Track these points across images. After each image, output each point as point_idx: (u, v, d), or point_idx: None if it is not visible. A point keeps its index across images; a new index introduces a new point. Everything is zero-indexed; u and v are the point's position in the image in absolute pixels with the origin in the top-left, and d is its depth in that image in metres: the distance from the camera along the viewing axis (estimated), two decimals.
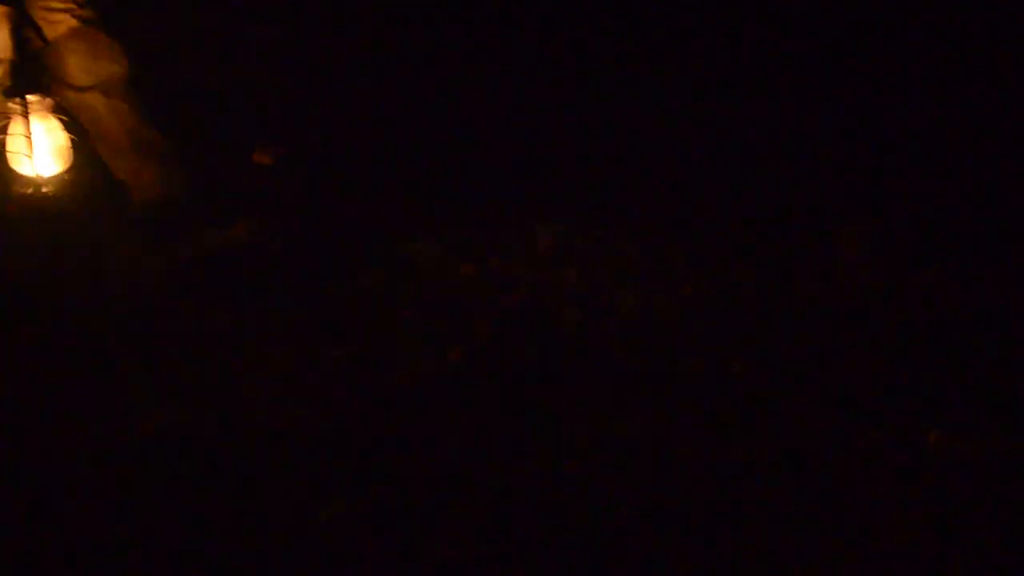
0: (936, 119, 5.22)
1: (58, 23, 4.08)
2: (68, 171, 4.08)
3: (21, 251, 4.17)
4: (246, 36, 5.03)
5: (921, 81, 5.35)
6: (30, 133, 3.94)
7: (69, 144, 4.05)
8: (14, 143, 3.97)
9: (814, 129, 5.28)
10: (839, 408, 3.42)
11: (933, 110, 5.25)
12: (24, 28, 4.05)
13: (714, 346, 3.86)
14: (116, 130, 4.22)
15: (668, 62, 5.54)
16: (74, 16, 4.12)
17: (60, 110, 4.04)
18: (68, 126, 4.04)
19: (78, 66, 4.13)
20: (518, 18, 5.49)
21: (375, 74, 5.22)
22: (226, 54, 4.96)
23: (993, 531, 2.83)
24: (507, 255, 4.51)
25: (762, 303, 4.14)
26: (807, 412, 3.41)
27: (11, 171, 4.04)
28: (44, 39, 4.09)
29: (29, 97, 3.91)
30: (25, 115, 3.92)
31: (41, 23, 4.08)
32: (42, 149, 3.99)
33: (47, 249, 4.18)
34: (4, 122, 3.96)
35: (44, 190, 4.04)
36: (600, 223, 4.76)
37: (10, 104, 3.90)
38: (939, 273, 4.22)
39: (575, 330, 3.98)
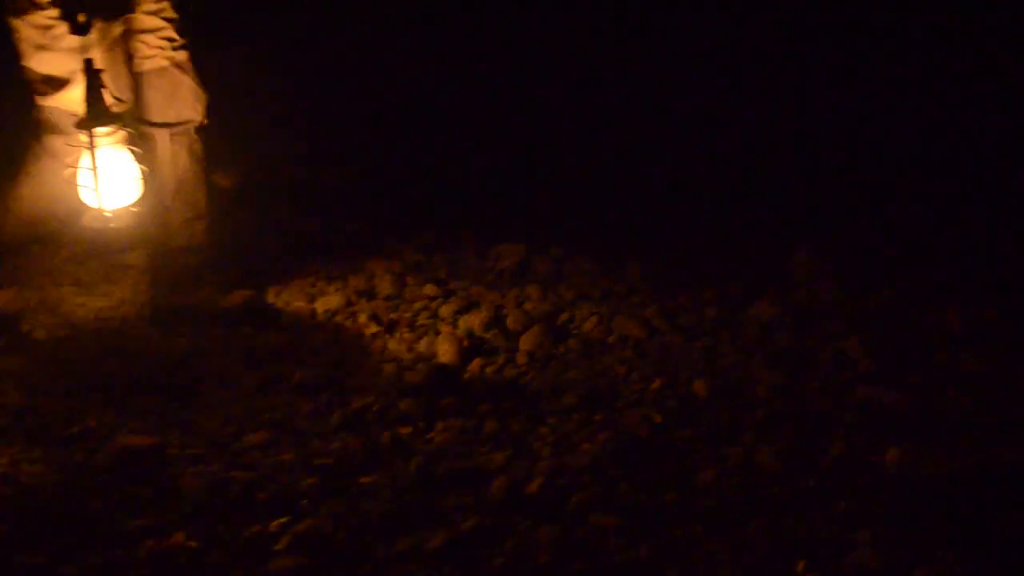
0: (893, 136, 5.27)
1: (146, 59, 4.07)
2: (136, 205, 3.99)
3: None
4: None
5: (875, 99, 5.40)
6: (97, 166, 3.85)
7: (140, 178, 3.98)
8: (83, 175, 3.90)
9: (772, 148, 5.32)
10: (797, 426, 3.43)
11: (889, 128, 5.30)
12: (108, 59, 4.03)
13: (675, 366, 3.87)
14: (170, 174, 4.20)
15: (625, 80, 5.59)
16: (164, 57, 4.10)
17: (133, 143, 3.97)
18: (140, 159, 3.97)
19: (155, 104, 4.12)
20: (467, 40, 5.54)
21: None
22: None
23: (955, 549, 2.83)
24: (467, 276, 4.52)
25: (722, 322, 4.15)
26: (766, 432, 3.41)
27: (80, 203, 3.97)
28: (130, 72, 4.09)
29: (100, 129, 3.82)
30: (92, 147, 3.83)
31: (132, 55, 4.08)
32: (111, 182, 3.90)
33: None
34: (76, 153, 3.91)
35: (111, 223, 3.96)
36: (560, 243, 4.75)
37: (82, 135, 3.83)
38: (899, 291, 4.24)
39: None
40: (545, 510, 3.07)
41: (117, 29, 4.03)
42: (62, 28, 3.94)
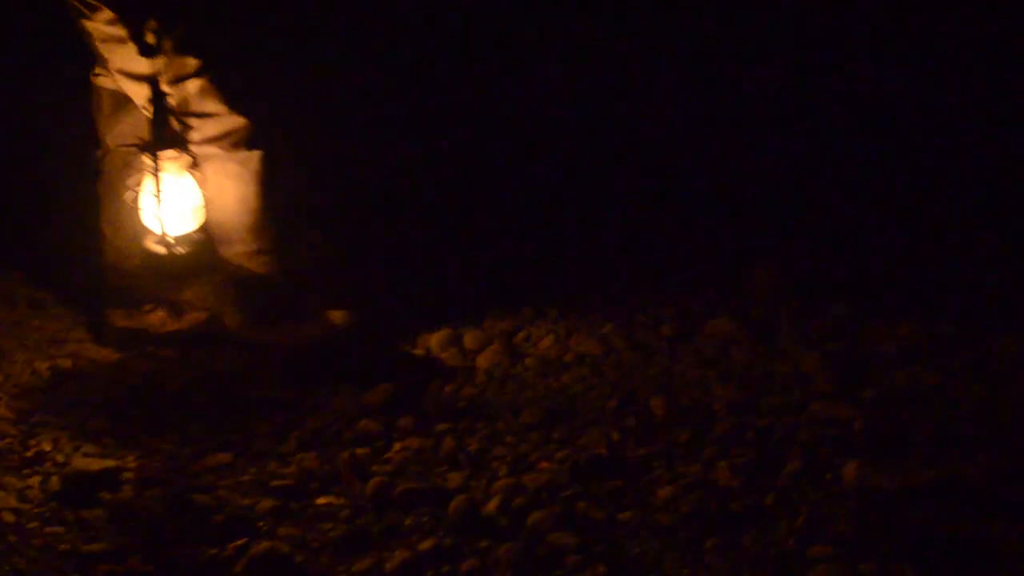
0: (851, 153, 5.31)
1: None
2: (198, 231, 3.93)
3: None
4: None
5: (835, 117, 5.45)
6: (161, 190, 3.80)
7: (202, 204, 3.91)
8: (145, 199, 3.84)
9: (727, 163, 5.34)
10: (755, 443, 3.44)
11: (847, 145, 5.34)
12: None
13: (633, 384, 3.88)
14: (231, 195, 4.07)
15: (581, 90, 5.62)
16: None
17: (196, 167, 3.91)
18: (203, 185, 3.91)
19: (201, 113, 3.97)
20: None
21: None
22: None
23: (914, 563, 2.84)
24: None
25: (680, 339, 4.16)
26: (724, 448, 3.42)
27: (141, 226, 3.90)
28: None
29: (164, 153, 3.79)
30: (156, 171, 3.78)
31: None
32: (173, 207, 3.84)
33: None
34: (138, 177, 3.85)
35: (172, 248, 3.90)
36: None
37: (144, 159, 3.78)
38: (856, 307, 4.27)
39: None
40: (504, 529, 3.06)
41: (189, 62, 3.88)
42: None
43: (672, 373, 3.93)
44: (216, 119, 3.94)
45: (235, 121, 3.96)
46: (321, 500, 3.24)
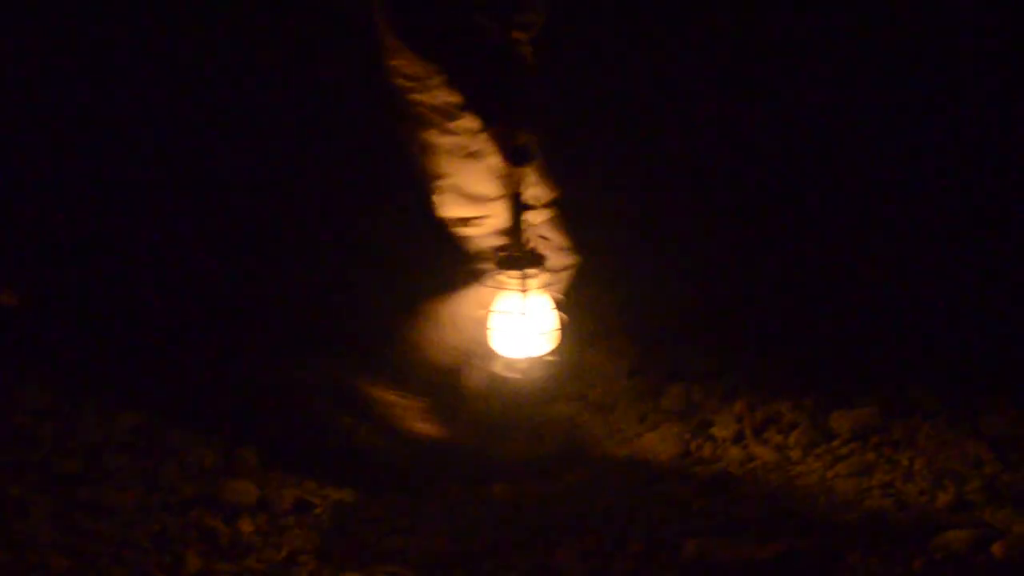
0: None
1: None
2: (551, 354, 3.64)
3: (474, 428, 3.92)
4: None
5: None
6: (525, 311, 3.55)
7: (559, 326, 3.64)
8: (500, 319, 3.58)
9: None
10: (592, 528, 3.44)
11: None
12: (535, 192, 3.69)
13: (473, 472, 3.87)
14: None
15: None
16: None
17: (554, 288, 3.67)
18: (561, 306, 3.66)
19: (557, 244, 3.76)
20: None
21: None
22: None
23: None
24: None
25: None
26: (567, 533, 3.42)
27: (488, 347, 3.66)
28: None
29: (529, 270, 3.55)
30: (523, 291, 3.55)
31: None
32: (529, 329, 3.57)
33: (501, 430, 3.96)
34: (492, 294, 3.60)
35: (521, 372, 3.65)
36: None
37: (502, 277, 3.54)
38: (687, 380, 4.34)
39: None
40: None
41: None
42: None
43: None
44: (561, 252, 3.78)
45: (573, 259, 3.82)
46: None
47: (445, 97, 3.58)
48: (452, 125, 3.60)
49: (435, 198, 3.72)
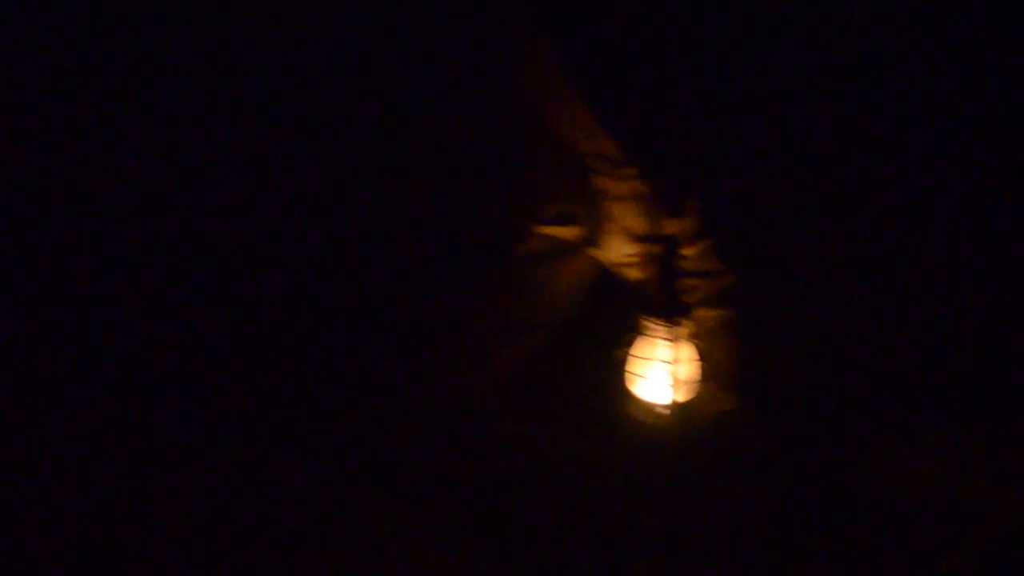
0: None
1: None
2: (689, 403, 3.60)
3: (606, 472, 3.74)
4: None
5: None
6: (673, 359, 3.53)
7: (698, 376, 3.60)
8: (642, 365, 3.55)
9: None
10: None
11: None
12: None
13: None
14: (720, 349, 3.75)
15: None
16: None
17: (695, 337, 3.62)
18: (703, 355, 3.61)
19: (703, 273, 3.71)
20: None
21: None
22: None
23: None
24: None
25: None
26: None
27: (625, 391, 3.61)
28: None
29: (675, 319, 3.53)
30: (673, 339, 3.52)
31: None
32: (667, 375, 3.54)
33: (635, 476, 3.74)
34: (633, 338, 3.57)
35: (656, 419, 3.59)
36: None
37: (646, 322, 3.52)
38: None
39: None
40: None
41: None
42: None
43: None
44: (714, 277, 3.72)
45: (729, 278, 3.74)
46: None
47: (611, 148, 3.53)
48: (621, 172, 3.56)
49: (601, 240, 3.70)
